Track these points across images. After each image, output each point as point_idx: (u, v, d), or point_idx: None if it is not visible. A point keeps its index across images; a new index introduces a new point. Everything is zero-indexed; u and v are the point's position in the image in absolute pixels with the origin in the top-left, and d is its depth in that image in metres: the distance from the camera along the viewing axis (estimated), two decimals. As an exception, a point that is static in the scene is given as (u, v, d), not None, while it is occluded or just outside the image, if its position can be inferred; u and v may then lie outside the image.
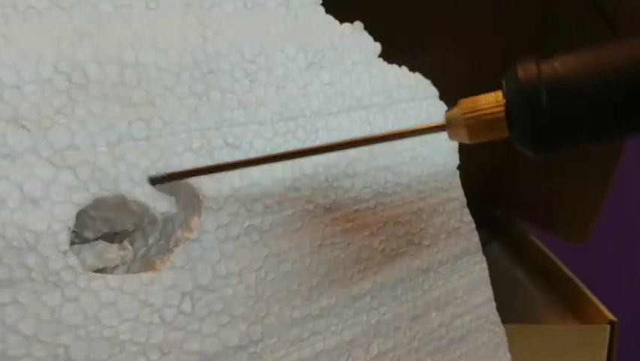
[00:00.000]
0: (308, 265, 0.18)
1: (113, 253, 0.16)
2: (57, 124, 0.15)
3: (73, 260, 0.14)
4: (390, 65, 0.22)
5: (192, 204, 0.17)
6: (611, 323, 0.33)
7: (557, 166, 0.44)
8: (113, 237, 0.17)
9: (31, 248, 0.14)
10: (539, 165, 0.46)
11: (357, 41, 0.21)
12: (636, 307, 0.53)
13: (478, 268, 0.22)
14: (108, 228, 0.17)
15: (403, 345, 0.19)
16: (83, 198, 0.15)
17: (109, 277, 0.15)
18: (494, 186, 0.49)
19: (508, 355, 0.23)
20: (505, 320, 0.42)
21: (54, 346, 0.14)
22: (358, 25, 0.21)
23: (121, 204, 0.16)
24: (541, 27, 0.43)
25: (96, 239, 0.17)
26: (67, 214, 0.15)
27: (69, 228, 0.15)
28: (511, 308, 0.43)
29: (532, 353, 0.32)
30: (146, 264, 0.16)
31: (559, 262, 0.41)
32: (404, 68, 0.22)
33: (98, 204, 0.16)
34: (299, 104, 0.19)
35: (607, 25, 0.37)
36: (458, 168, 0.23)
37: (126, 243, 0.17)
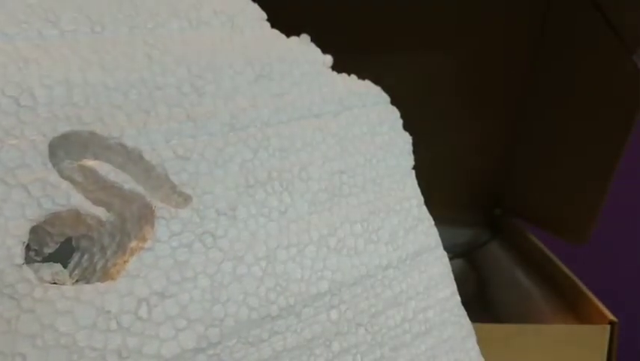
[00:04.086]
0: (264, 267, 0.18)
1: (66, 276, 0.17)
2: (7, 145, 0.16)
3: (28, 273, 0.15)
4: (339, 75, 0.23)
5: (145, 215, 0.17)
6: (611, 323, 0.33)
7: (557, 166, 0.44)
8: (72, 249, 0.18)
9: (-16, 263, 0.14)
10: (539, 165, 0.46)
11: (304, 53, 0.22)
12: (636, 307, 0.53)
13: (439, 264, 0.23)
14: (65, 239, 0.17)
15: (366, 342, 0.20)
16: (36, 214, 0.16)
17: (64, 287, 0.16)
18: (494, 186, 0.50)
19: (477, 347, 0.23)
20: (505, 320, 0.42)
21: (11, 355, 0.14)
22: (305, 37, 0.22)
23: (75, 218, 0.17)
24: (541, 27, 0.43)
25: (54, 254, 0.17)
26: (20, 230, 0.15)
27: (23, 243, 0.15)
28: (511, 308, 0.43)
29: (532, 353, 0.33)
30: (105, 275, 0.17)
31: (559, 262, 0.41)
32: (353, 77, 0.23)
33: (53, 219, 0.16)
34: (249, 114, 0.20)
35: (607, 25, 0.38)
36: (414, 168, 0.24)
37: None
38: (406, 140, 0.23)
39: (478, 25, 0.43)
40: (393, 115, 0.24)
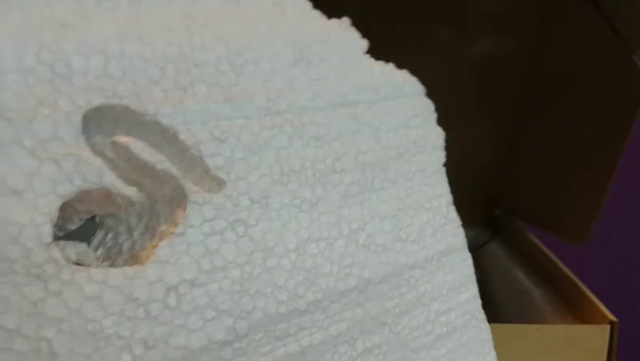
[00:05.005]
0: (294, 260, 0.18)
1: (91, 256, 0.16)
2: (40, 114, 0.15)
3: (56, 253, 0.14)
4: (377, 62, 0.22)
5: (178, 197, 0.17)
6: (611, 323, 0.33)
7: (557, 166, 0.44)
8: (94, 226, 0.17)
9: (13, 241, 0.14)
10: (539, 165, 0.46)
11: (344, 37, 0.21)
12: (636, 307, 0.52)
13: (463, 265, 0.22)
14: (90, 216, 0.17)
15: (389, 341, 0.19)
16: (66, 191, 0.15)
17: (92, 270, 0.15)
18: (494, 186, 0.49)
19: (493, 352, 0.23)
20: (505, 320, 0.42)
21: (36, 340, 0.14)
22: (345, 20, 0.21)
23: (105, 196, 0.16)
24: (541, 27, 0.43)
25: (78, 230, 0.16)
26: (50, 207, 0.14)
27: (52, 220, 0.14)
28: (511, 308, 0.43)
29: (532, 353, 0.32)
30: (132, 258, 0.16)
31: (559, 262, 0.40)
32: (391, 65, 0.22)
33: (83, 197, 0.15)
34: (286, 98, 0.19)
35: (607, 25, 0.37)
36: (445, 165, 0.23)
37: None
38: (438, 135, 0.23)
39: (477, 26, 0.43)
40: (428, 108, 0.23)
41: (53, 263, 0.14)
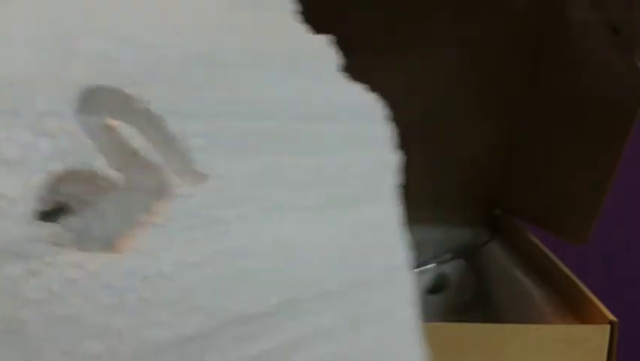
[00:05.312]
0: (265, 262, 0.18)
1: (66, 238, 0.16)
2: (40, 87, 0.14)
3: (39, 232, 0.14)
4: (350, 83, 0.23)
5: (159, 188, 0.16)
6: (611, 323, 0.33)
7: (557, 166, 0.44)
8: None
9: (1, 214, 0.13)
10: (539, 165, 0.46)
11: (327, 53, 0.22)
12: (636, 307, 0.54)
13: (405, 285, 0.24)
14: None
15: (346, 352, 0.20)
16: (56, 168, 0.14)
17: (73, 253, 0.14)
18: (494, 186, 0.49)
19: None
20: (505, 320, 0.41)
21: (12, 320, 0.13)
22: (328, 37, 0.22)
23: (89, 179, 0.15)
24: (541, 27, 0.43)
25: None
26: (39, 183, 0.14)
27: (39, 198, 0.14)
28: (511, 308, 0.43)
29: (532, 353, 0.32)
30: (108, 245, 0.16)
31: (559, 262, 0.40)
32: (361, 86, 0.23)
33: (68, 176, 0.15)
34: (275, 107, 0.19)
35: (607, 25, 0.37)
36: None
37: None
38: (395, 159, 0.24)
39: (477, 27, 0.42)
40: (389, 133, 0.24)
41: (37, 243, 0.14)
